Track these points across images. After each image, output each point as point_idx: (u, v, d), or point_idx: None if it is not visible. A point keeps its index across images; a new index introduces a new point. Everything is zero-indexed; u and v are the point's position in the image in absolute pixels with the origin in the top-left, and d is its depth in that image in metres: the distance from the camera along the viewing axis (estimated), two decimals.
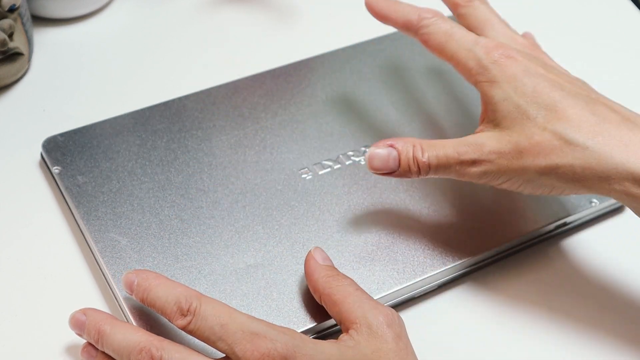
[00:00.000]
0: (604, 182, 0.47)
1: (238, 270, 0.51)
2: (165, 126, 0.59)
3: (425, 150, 0.50)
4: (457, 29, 0.53)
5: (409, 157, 0.50)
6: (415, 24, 0.55)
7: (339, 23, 0.72)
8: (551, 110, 0.49)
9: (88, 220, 0.53)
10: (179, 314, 0.44)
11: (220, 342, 0.43)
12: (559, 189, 0.49)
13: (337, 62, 0.66)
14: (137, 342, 0.44)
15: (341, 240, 0.53)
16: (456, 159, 0.50)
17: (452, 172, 0.50)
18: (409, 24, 0.55)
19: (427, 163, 0.50)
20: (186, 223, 0.53)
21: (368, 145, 0.59)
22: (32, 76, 0.65)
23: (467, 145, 0.50)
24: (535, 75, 0.50)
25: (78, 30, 0.69)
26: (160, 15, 0.71)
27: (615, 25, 0.75)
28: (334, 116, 0.61)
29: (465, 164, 0.50)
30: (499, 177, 0.50)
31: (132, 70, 0.67)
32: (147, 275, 0.47)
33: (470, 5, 0.56)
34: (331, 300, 0.48)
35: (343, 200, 0.56)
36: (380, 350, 0.45)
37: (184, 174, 0.56)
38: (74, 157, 0.57)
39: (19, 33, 0.63)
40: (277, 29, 0.71)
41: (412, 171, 0.50)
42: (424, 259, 0.53)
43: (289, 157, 0.58)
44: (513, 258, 0.56)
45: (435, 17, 0.54)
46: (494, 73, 0.51)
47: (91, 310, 0.47)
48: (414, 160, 0.50)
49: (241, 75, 0.64)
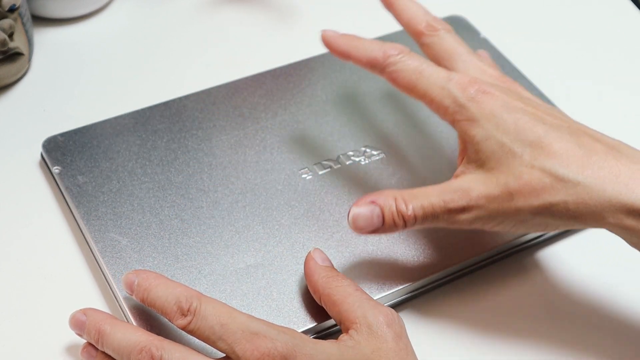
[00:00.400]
0: (597, 216, 0.46)
1: (238, 270, 0.51)
2: (166, 126, 0.59)
3: (409, 202, 0.48)
4: (427, 65, 0.51)
5: (393, 212, 0.48)
6: (381, 62, 0.51)
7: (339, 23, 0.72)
8: (537, 146, 0.47)
9: (88, 220, 0.53)
10: (179, 313, 0.44)
11: (221, 341, 0.43)
12: (553, 226, 0.48)
13: (337, 62, 0.65)
14: (137, 342, 0.44)
15: (341, 240, 0.54)
16: (443, 208, 0.48)
17: (441, 221, 0.48)
18: (374, 62, 0.52)
19: (412, 215, 0.48)
20: (186, 223, 0.53)
21: (368, 145, 0.59)
22: (32, 76, 0.65)
23: (452, 192, 0.48)
24: (514, 110, 0.48)
25: (78, 30, 0.69)
26: (161, 15, 0.71)
27: (615, 25, 0.75)
28: (334, 116, 0.61)
29: (453, 212, 0.48)
30: (491, 221, 0.48)
31: (132, 70, 0.67)
32: (147, 275, 0.47)
33: (435, 35, 0.54)
34: (331, 301, 0.48)
35: (343, 200, 0.56)
36: (380, 350, 0.45)
37: (184, 174, 0.56)
38: (74, 157, 0.57)
39: (19, 33, 0.63)
40: (277, 29, 0.71)
41: (398, 225, 0.48)
42: (424, 259, 0.53)
43: (289, 157, 0.58)
44: (513, 258, 0.56)
45: (402, 53, 0.51)
46: (473, 111, 0.48)
47: (91, 310, 0.47)
48: (398, 214, 0.48)
49: (241, 75, 0.64)
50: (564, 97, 0.65)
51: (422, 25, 0.54)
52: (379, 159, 0.59)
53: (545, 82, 0.66)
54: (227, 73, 0.65)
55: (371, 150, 0.59)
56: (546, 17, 0.75)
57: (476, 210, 0.47)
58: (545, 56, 0.70)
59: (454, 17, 0.70)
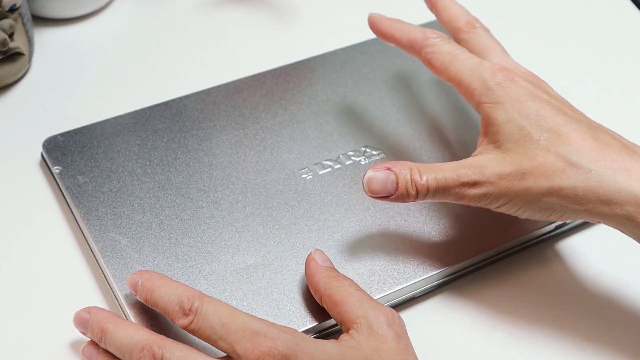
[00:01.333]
0: (605, 206, 0.47)
1: (238, 270, 0.51)
2: (166, 126, 0.59)
3: (424, 173, 0.49)
4: (462, 51, 0.53)
5: (407, 180, 0.49)
6: (419, 43, 0.55)
7: (339, 23, 0.72)
8: (554, 133, 0.49)
9: (88, 220, 0.53)
10: (181, 313, 0.44)
11: (222, 341, 0.43)
12: (559, 212, 0.49)
13: (337, 62, 0.66)
14: (139, 340, 0.44)
15: (341, 240, 0.54)
16: (456, 181, 0.49)
17: (451, 195, 0.50)
18: (414, 43, 0.55)
19: (425, 186, 0.49)
20: (187, 223, 0.53)
21: (368, 145, 0.59)
22: (32, 76, 0.65)
23: (467, 168, 0.49)
24: (538, 99, 0.50)
25: (79, 30, 0.69)
26: (161, 15, 0.71)
27: (615, 26, 0.75)
28: (334, 116, 0.61)
29: (465, 186, 0.49)
30: (499, 199, 0.49)
31: (133, 70, 0.67)
32: (150, 276, 0.47)
33: (473, 31, 0.56)
34: (332, 301, 0.48)
35: (343, 200, 0.56)
36: (381, 350, 0.45)
37: (184, 174, 0.56)
38: (74, 157, 0.57)
39: (19, 33, 0.63)
40: (277, 29, 0.71)
41: (410, 194, 0.49)
42: (424, 259, 0.53)
43: (289, 157, 0.58)
44: (513, 258, 0.56)
45: (440, 37, 0.54)
46: (498, 94, 0.50)
47: (95, 309, 0.48)
48: (412, 182, 0.49)
49: (241, 75, 0.64)
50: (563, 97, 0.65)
51: (461, 23, 0.57)
52: (379, 159, 0.59)
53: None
54: (227, 73, 0.65)
55: (371, 150, 0.59)
56: (546, 17, 0.75)
57: (487, 186, 0.49)
58: (545, 56, 0.70)
59: None
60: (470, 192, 0.49)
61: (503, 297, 0.54)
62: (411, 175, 0.49)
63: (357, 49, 0.67)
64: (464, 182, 0.49)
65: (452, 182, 0.49)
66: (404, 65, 0.66)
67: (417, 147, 0.60)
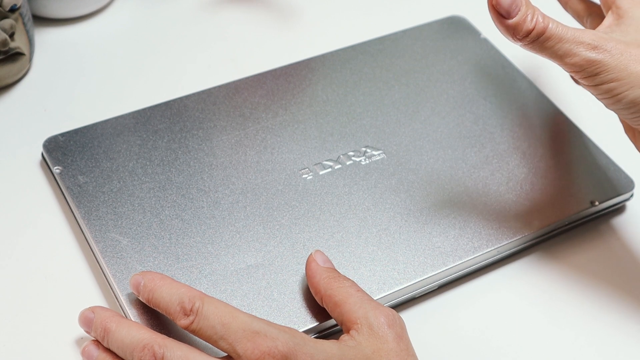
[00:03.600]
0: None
1: (239, 270, 0.51)
2: (166, 126, 0.59)
3: (547, 16, 0.48)
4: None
5: (530, 12, 0.48)
6: None
7: (339, 23, 0.72)
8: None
9: (89, 220, 0.53)
10: (182, 313, 0.45)
11: (222, 341, 0.44)
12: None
13: (338, 62, 0.66)
14: (141, 340, 0.45)
15: (342, 240, 0.54)
16: (577, 37, 0.48)
17: (562, 49, 0.49)
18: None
19: (544, 25, 0.48)
20: (187, 223, 0.53)
21: (368, 146, 0.59)
22: (33, 76, 0.65)
23: (593, 33, 0.49)
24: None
25: (79, 30, 0.69)
26: (161, 15, 0.71)
27: None
28: (335, 116, 0.61)
29: (580, 45, 0.48)
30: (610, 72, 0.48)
31: (133, 70, 0.67)
32: (152, 276, 0.47)
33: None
34: (332, 302, 0.48)
35: (343, 200, 0.56)
36: (381, 350, 0.45)
37: (184, 174, 0.56)
38: (74, 157, 0.57)
39: (20, 33, 0.63)
40: (277, 29, 0.71)
41: (526, 27, 0.48)
42: (424, 259, 0.53)
43: (289, 157, 0.58)
44: (512, 259, 0.56)
45: None
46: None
47: (99, 308, 0.48)
48: (534, 16, 0.48)
49: (242, 75, 0.64)
50: (564, 97, 0.65)
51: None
52: (379, 159, 0.59)
53: (546, 82, 0.66)
54: (228, 73, 0.65)
55: (371, 151, 0.59)
56: None
57: (604, 53, 0.48)
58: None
59: (454, 17, 0.70)
60: (585, 53, 0.48)
61: (503, 298, 0.54)
62: (535, 11, 0.48)
63: (357, 49, 0.67)
64: (581, 42, 0.48)
65: (573, 36, 0.48)
66: (404, 65, 0.66)
67: (418, 147, 0.60)
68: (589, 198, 0.57)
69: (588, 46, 0.48)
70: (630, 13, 0.51)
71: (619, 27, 0.51)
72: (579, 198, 0.57)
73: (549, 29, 0.48)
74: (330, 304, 0.48)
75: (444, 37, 0.68)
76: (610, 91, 0.49)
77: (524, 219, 0.56)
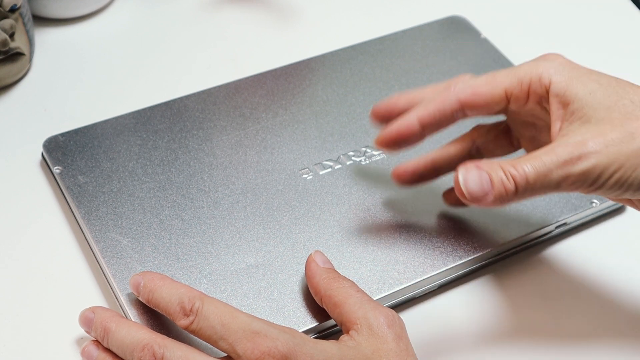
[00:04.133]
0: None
1: (239, 270, 0.51)
2: (166, 126, 0.59)
3: (516, 164, 0.44)
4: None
5: (501, 176, 0.44)
6: None
7: (339, 23, 0.72)
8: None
9: (89, 220, 0.53)
10: (182, 314, 0.45)
11: (222, 341, 0.44)
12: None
13: (338, 62, 0.66)
14: (140, 340, 0.45)
15: (342, 241, 0.54)
16: (556, 161, 0.44)
17: (554, 181, 0.44)
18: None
19: (523, 176, 0.44)
20: (187, 223, 0.54)
21: (368, 146, 0.59)
22: (33, 76, 0.65)
23: (562, 147, 0.44)
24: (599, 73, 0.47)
25: (79, 30, 0.69)
26: (161, 15, 0.71)
27: (615, 26, 0.75)
28: (335, 116, 0.61)
29: (568, 164, 0.44)
30: (610, 168, 0.44)
31: (133, 70, 0.67)
32: (152, 277, 0.47)
33: None
34: (332, 302, 0.48)
35: (343, 201, 0.56)
36: (381, 351, 0.45)
37: (184, 174, 0.56)
38: (74, 157, 0.57)
39: (20, 33, 0.63)
40: (277, 29, 0.71)
41: (508, 191, 0.44)
42: (424, 260, 0.53)
43: (289, 157, 0.58)
44: (512, 259, 0.56)
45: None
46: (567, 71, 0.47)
47: (99, 308, 0.48)
48: (507, 176, 0.44)
49: (242, 75, 0.64)
50: None
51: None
52: (379, 159, 0.59)
53: None
54: (228, 73, 0.65)
55: (371, 151, 0.59)
56: (546, 17, 0.75)
57: (594, 156, 0.44)
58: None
59: (454, 17, 0.70)
60: (576, 168, 0.44)
61: (504, 298, 0.54)
62: (503, 169, 0.44)
63: (357, 49, 0.67)
64: (566, 160, 0.44)
65: (553, 163, 0.44)
66: (404, 65, 0.66)
67: (418, 148, 0.60)
68: (589, 198, 0.57)
69: (574, 161, 0.44)
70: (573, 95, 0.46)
71: (575, 115, 0.46)
72: (579, 197, 0.57)
73: (529, 177, 0.44)
74: (330, 305, 0.48)
75: (444, 37, 0.68)
76: (618, 182, 0.45)
77: (525, 218, 0.56)
